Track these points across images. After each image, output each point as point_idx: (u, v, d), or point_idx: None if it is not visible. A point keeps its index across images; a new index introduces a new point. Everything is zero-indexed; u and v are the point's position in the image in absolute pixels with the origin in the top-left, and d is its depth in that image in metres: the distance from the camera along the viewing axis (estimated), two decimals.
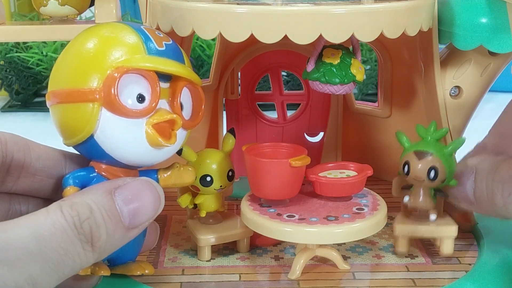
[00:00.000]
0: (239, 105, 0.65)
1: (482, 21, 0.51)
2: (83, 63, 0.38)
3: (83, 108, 0.37)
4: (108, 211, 0.36)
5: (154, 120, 0.38)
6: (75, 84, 0.37)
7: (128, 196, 0.37)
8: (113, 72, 0.37)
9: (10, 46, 0.96)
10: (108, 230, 0.36)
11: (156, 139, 0.38)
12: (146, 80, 0.38)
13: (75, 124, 0.38)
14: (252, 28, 0.43)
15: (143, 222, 0.38)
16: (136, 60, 0.37)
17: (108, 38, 0.38)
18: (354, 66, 0.48)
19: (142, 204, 0.38)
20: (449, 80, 0.55)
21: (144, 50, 0.38)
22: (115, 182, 0.38)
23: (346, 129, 0.66)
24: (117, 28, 0.39)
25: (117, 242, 0.37)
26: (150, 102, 0.38)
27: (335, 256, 0.47)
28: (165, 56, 0.39)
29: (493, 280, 0.45)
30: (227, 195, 0.53)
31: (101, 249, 0.36)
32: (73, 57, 0.38)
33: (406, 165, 0.47)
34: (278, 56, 0.63)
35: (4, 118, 0.95)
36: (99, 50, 0.38)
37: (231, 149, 0.50)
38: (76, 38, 0.39)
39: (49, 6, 0.52)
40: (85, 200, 0.36)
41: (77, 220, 0.35)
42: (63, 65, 0.39)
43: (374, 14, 0.44)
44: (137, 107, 0.38)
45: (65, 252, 0.34)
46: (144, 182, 0.38)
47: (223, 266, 0.48)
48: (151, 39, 0.39)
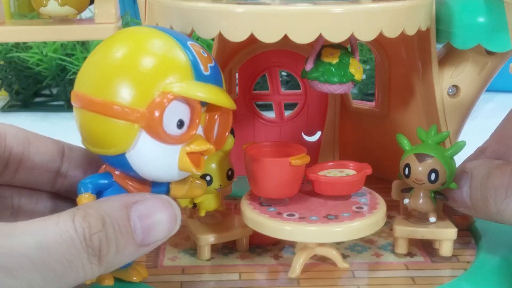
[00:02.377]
0: (237, 105, 0.65)
1: (480, 20, 0.51)
2: (127, 77, 0.35)
3: (121, 125, 0.35)
4: (121, 226, 0.35)
5: (190, 148, 0.37)
6: (114, 97, 0.35)
7: (144, 213, 0.36)
8: (161, 97, 0.35)
9: (10, 46, 0.96)
10: (118, 245, 0.35)
11: (188, 167, 0.37)
12: (188, 107, 0.37)
13: (106, 138, 0.36)
14: (252, 28, 0.44)
15: (156, 241, 0.37)
16: (185, 88, 0.36)
17: (157, 55, 0.36)
18: (353, 66, 0.48)
19: (158, 222, 0.37)
20: (447, 79, 0.55)
21: (192, 75, 0.36)
22: (133, 197, 0.37)
23: (343, 128, 0.66)
24: (166, 43, 0.37)
25: (126, 258, 0.36)
26: (189, 130, 0.37)
27: (335, 254, 0.48)
28: (210, 82, 0.38)
29: (491, 278, 0.46)
30: (226, 195, 0.53)
31: (108, 263, 0.35)
32: (116, 65, 0.36)
33: (406, 167, 0.47)
34: (276, 55, 0.63)
35: (4, 118, 0.94)
36: (148, 69, 0.35)
37: (230, 149, 0.50)
38: (119, 41, 0.37)
39: (49, 7, 0.52)
40: (99, 212, 0.35)
41: (87, 232, 0.34)
42: (101, 67, 0.36)
43: (373, 14, 0.44)
44: (176, 133, 0.36)
45: (69, 264, 0.33)
46: (162, 201, 0.37)
47: (223, 265, 0.48)
48: (199, 62, 0.37)
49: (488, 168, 0.46)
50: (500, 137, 0.49)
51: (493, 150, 0.49)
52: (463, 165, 0.48)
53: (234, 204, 0.57)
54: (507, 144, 0.48)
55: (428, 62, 0.54)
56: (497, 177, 0.44)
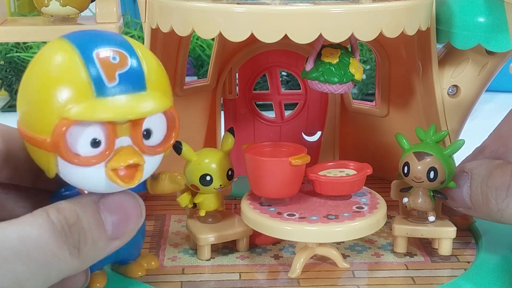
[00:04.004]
0: (237, 105, 0.65)
1: (480, 20, 0.51)
2: (34, 107, 0.35)
3: (43, 153, 0.35)
4: (93, 219, 0.36)
5: (113, 165, 0.35)
6: (30, 128, 0.35)
7: (111, 207, 0.37)
8: (60, 123, 0.34)
9: (10, 46, 0.96)
10: (94, 237, 0.36)
11: (117, 183, 0.36)
12: (100, 125, 0.35)
13: (41, 164, 0.37)
14: (252, 28, 0.44)
15: (125, 233, 0.38)
16: (79, 110, 0.34)
17: (54, 78, 0.34)
18: (353, 66, 0.48)
19: (125, 215, 0.37)
20: (447, 79, 0.55)
21: (91, 92, 0.34)
22: (99, 193, 0.37)
23: (343, 128, 0.66)
24: (64, 62, 0.35)
25: (100, 252, 0.37)
26: (105, 149, 0.35)
27: (335, 254, 0.48)
28: (116, 94, 0.34)
29: (491, 278, 0.46)
30: (226, 195, 0.53)
31: (85, 256, 0.35)
32: (27, 90, 0.36)
33: (405, 166, 0.48)
34: (276, 55, 0.64)
35: (4, 118, 0.94)
36: (46, 94, 0.34)
37: (231, 148, 0.50)
38: (31, 64, 0.36)
39: (50, 7, 0.52)
40: (71, 206, 0.36)
41: (65, 224, 0.34)
42: (21, 95, 0.37)
43: (373, 14, 0.44)
44: (92, 153, 0.35)
45: (52, 255, 0.34)
46: (126, 194, 0.38)
47: (223, 265, 0.48)
48: (101, 75, 0.34)
49: (489, 167, 0.46)
50: (499, 137, 0.49)
51: (492, 150, 0.49)
52: (463, 165, 0.48)
53: (234, 204, 0.58)
54: (506, 144, 0.48)
55: (428, 62, 0.54)
56: (498, 176, 0.44)
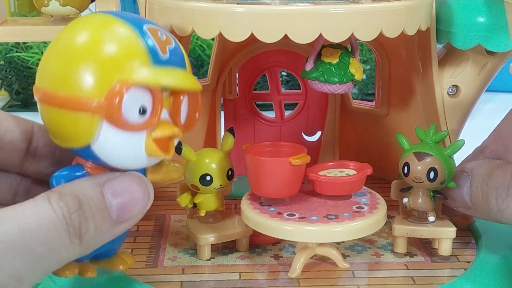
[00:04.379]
0: (237, 105, 0.65)
1: (480, 20, 0.51)
2: (82, 68, 0.35)
3: (81, 118, 0.35)
4: (97, 203, 0.35)
5: (155, 134, 0.36)
6: (71, 90, 0.35)
7: (117, 190, 0.36)
8: (117, 85, 0.34)
9: (10, 46, 0.96)
10: (96, 223, 0.35)
11: (156, 152, 0.36)
12: (149, 93, 0.36)
13: (69, 132, 0.36)
14: (252, 28, 0.44)
15: (131, 217, 0.37)
16: (141, 74, 0.35)
17: (111, 43, 0.35)
18: (353, 66, 0.48)
19: (131, 199, 0.37)
20: (447, 79, 0.55)
21: (149, 60, 0.35)
22: (105, 176, 0.37)
23: (343, 128, 0.66)
24: (120, 30, 0.36)
25: (104, 236, 0.36)
26: (152, 116, 0.36)
27: (335, 254, 0.48)
28: (169, 65, 0.36)
29: (491, 278, 0.46)
30: (226, 194, 0.53)
31: (88, 243, 0.35)
32: (70, 55, 0.35)
33: (405, 166, 0.48)
34: (276, 55, 0.64)
35: None
36: (102, 57, 0.35)
37: (231, 148, 0.50)
38: (71, 32, 0.36)
39: (50, 6, 0.52)
40: (74, 191, 0.35)
41: (66, 212, 0.34)
42: (57, 60, 0.36)
43: (373, 14, 0.44)
44: (139, 120, 0.36)
45: (52, 245, 0.33)
46: (134, 177, 0.37)
47: (223, 265, 0.48)
48: (156, 46, 0.36)
49: (489, 167, 0.46)
50: (499, 137, 0.49)
51: (492, 150, 0.49)
52: (463, 165, 0.48)
53: (234, 204, 0.58)
54: (506, 144, 0.48)
55: (428, 62, 0.54)
56: (498, 176, 0.44)
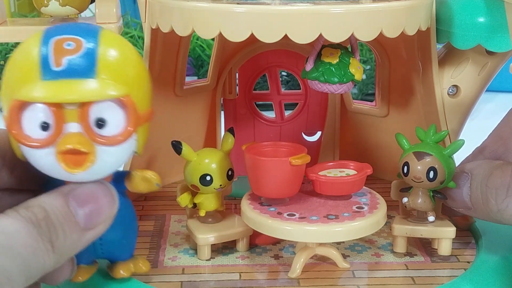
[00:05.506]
0: (237, 105, 0.65)
1: (480, 20, 0.51)
2: (2, 86, 0.37)
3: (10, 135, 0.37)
4: (61, 213, 0.36)
5: (58, 148, 0.36)
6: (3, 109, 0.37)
7: (81, 198, 0.37)
8: (13, 105, 0.35)
9: (10, 46, 0.96)
10: (65, 230, 0.36)
11: (61, 167, 0.36)
12: (48, 108, 0.35)
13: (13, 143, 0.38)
14: (252, 28, 0.44)
15: (99, 223, 0.38)
16: (28, 91, 0.35)
17: (15, 61, 0.36)
18: (353, 66, 0.48)
19: (97, 205, 0.37)
20: (447, 79, 0.55)
21: (39, 75, 0.35)
22: (69, 186, 0.37)
23: (343, 128, 0.66)
24: (27, 48, 0.36)
25: (75, 244, 0.37)
26: (53, 132, 0.36)
27: (335, 254, 0.48)
28: (63, 77, 0.35)
29: (491, 278, 0.46)
30: (226, 194, 0.53)
31: (60, 251, 0.35)
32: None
33: (405, 166, 0.48)
34: (276, 55, 0.64)
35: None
36: (8, 76, 0.36)
37: (231, 148, 0.50)
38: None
39: (50, 7, 0.52)
40: (38, 203, 0.36)
41: (35, 219, 0.34)
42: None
43: (374, 14, 0.44)
44: (42, 136, 0.36)
45: (33, 249, 0.34)
46: (97, 184, 0.38)
47: (223, 265, 0.48)
48: (49, 58, 0.35)
49: (489, 168, 0.46)
50: (498, 137, 0.49)
51: (491, 150, 0.49)
52: (463, 165, 0.48)
53: (234, 204, 0.58)
54: (505, 144, 0.48)
55: (428, 62, 0.54)
56: (498, 176, 0.44)
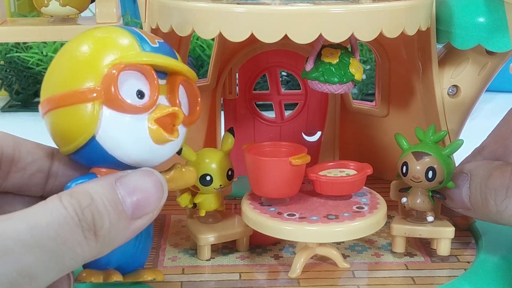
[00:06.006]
0: (237, 105, 0.65)
1: (480, 20, 0.51)
2: (78, 65, 0.37)
3: (82, 109, 0.36)
4: (110, 200, 0.35)
5: (156, 114, 0.37)
6: (70, 86, 0.37)
7: (130, 186, 0.36)
8: (111, 69, 0.36)
9: (10, 46, 0.96)
10: (111, 219, 0.34)
11: (160, 134, 0.37)
12: (144, 76, 0.38)
13: (74, 128, 0.37)
14: (252, 28, 0.44)
15: (147, 213, 0.36)
16: (132, 56, 0.37)
17: (102, 39, 0.38)
18: (353, 66, 0.48)
19: (145, 194, 0.36)
20: (447, 79, 0.55)
21: (139, 47, 0.38)
22: (116, 174, 0.37)
23: (343, 128, 0.66)
24: (110, 30, 0.39)
25: (121, 234, 0.35)
26: (150, 97, 0.37)
27: (335, 254, 0.48)
28: (159, 52, 0.39)
29: (491, 278, 0.46)
30: (226, 195, 0.53)
31: (104, 240, 0.34)
32: (67, 61, 0.38)
33: (404, 166, 0.48)
34: (276, 55, 0.64)
35: (4, 118, 0.94)
36: (94, 51, 0.37)
37: (231, 148, 0.50)
38: (68, 43, 0.39)
39: (50, 7, 0.52)
40: (85, 189, 0.35)
41: (78, 207, 0.33)
42: (56, 71, 0.38)
43: (374, 14, 0.44)
44: (138, 103, 0.37)
45: (64, 242, 0.32)
46: (146, 172, 0.37)
47: (223, 265, 0.48)
48: (145, 38, 0.39)
49: (488, 168, 0.46)
50: (498, 138, 0.49)
51: (491, 151, 0.49)
52: (462, 166, 0.48)
53: (234, 204, 0.58)
54: (505, 144, 0.48)
55: (428, 62, 0.54)
56: (498, 177, 0.44)
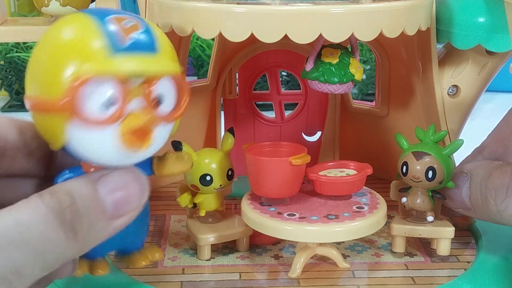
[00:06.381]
0: (237, 105, 0.65)
1: (480, 20, 0.51)
2: (45, 70, 0.35)
3: (51, 119, 0.35)
4: (89, 200, 0.35)
5: (124, 127, 0.35)
6: (41, 92, 0.35)
7: (111, 185, 0.36)
8: (74, 81, 0.34)
9: (10, 46, 0.96)
10: (91, 219, 0.35)
11: (131, 143, 0.35)
12: (112, 84, 0.35)
13: (47, 133, 0.36)
14: (252, 28, 0.44)
15: (128, 212, 0.36)
16: (96, 66, 0.34)
17: (66, 41, 0.35)
18: (353, 66, 0.48)
19: (127, 193, 0.36)
20: (447, 79, 0.55)
21: (106, 50, 0.34)
22: (98, 172, 0.36)
23: (343, 128, 0.66)
24: (79, 24, 0.36)
25: (101, 233, 0.36)
26: (118, 108, 0.35)
27: (335, 254, 0.48)
28: (133, 51, 0.35)
29: (491, 278, 0.46)
30: (226, 194, 0.53)
31: (84, 239, 0.34)
32: (36, 61, 0.36)
33: (404, 165, 0.48)
34: (276, 55, 0.64)
35: None
36: (57, 58, 0.35)
37: (231, 148, 0.50)
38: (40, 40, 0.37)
39: (50, 7, 0.52)
40: (66, 188, 0.35)
41: (58, 207, 0.33)
42: (30, 68, 0.37)
43: (374, 14, 0.44)
44: (106, 114, 0.35)
45: (49, 240, 0.33)
46: (128, 171, 0.37)
47: (223, 265, 0.48)
48: (115, 35, 0.35)
49: (488, 168, 0.46)
50: (498, 138, 0.49)
51: (491, 151, 0.49)
52: (462, 166, 0.48)
53: (234, 204, 0.58)
54: (505, 144, 0.48)
55: (428, 62, 0.54)
56: (498, 177, 0.44)
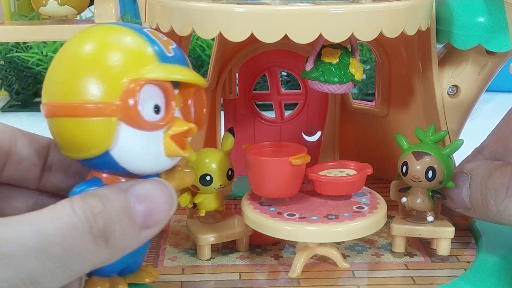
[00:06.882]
0: (237, 105, 0.65)
1: (480, 20, 0.51)
2: (92, 73, 0.35)
3: (98, 123, 0.35)
4: (122, 208, 0.34)
5: (172, 131, 0.36)
6: (85, 96, 0.34)
7: (141, 195, 0.35)
8: (131, 85, 0.34)
9: (10, 46, 0.96)
10: (123, 226, 0.34)
11: (174, 150, 0.36)
12: (161, 91, 0.36)
13: (86, 140, 0.35)
14: (252, 28, 0.44)
15: (156, 223, 0.36)
16: (151, 71, 0.35)
17: (117, 45, 0.36)
18: (353, 66, 0.48)
19: (156, 204, 0.36)
20: (447, 79, 0.55)
21: (156, 58, 0.36)
22: (127, 182, 0.36)
23: (343, 128, 0.66)
24: (122, 33, 0.36)
25: (131, 243, 0.35)
26: (167, 114, 0.36)
27: (335, 254, 0.48)
28: (175, 63, 0.37)
29: (491, 278, 0.46)
30: (226, 195, 0.53)
31: (115, 247, 0.34)
32: (77, 64, 0.35)
33: (404, 165, 0.48)
34: (276, 55, 0.64)
35: (4, 118, 0.94)
36: (113, 60, 0.35)
37: (231, 148, 0.50)
38: (75, 43, 0.36)
39: (48, 6, 0.52)
40: (98, 195, 0.34)
41: (89, 213, 0.33)
42: (62, 73, 0.36)
43: (374, 14, 0.44)
44: (155, 119, 0.36)
45: (72, 248, 0.32)
46: (157, 182, 0.37)
47: (223, 265, 0.48)
48: (160, 45, 0.37)
49: (488, 168, 0.46)
50: (498, 138, 0.49)
51: (491, 151, 0.49)
52: (462, 166, 0.48)
53: (234, 204, 0.58)
54: (505, 144, 0.48)
55: (428, 62, 0.54)
56: (498, 177, 0.44)
